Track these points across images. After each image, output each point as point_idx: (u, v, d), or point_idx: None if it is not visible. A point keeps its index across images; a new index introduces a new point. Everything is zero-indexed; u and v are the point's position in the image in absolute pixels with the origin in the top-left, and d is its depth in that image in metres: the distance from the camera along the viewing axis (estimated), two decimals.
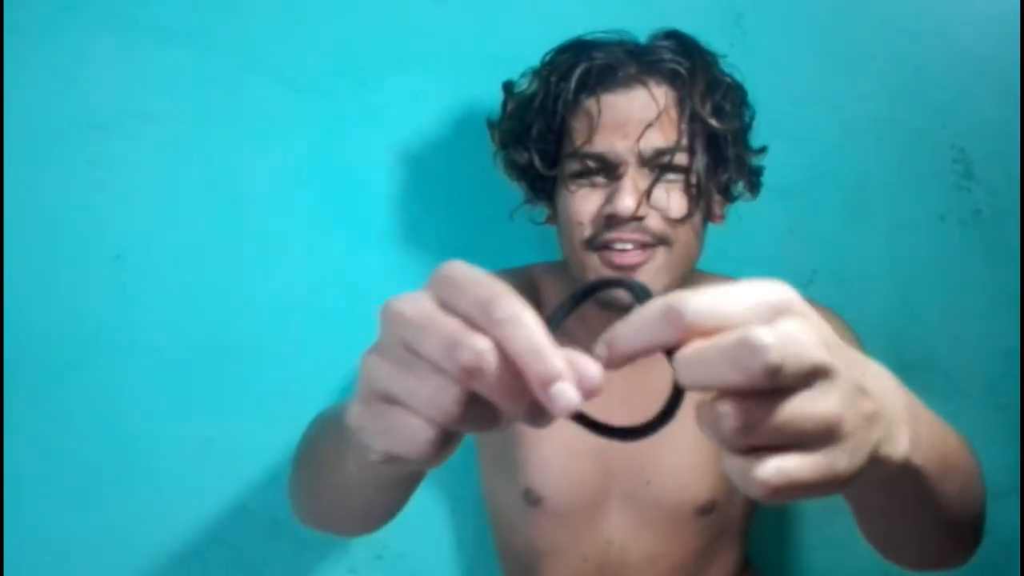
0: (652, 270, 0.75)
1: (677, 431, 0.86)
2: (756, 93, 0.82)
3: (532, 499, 0.86)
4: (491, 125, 0.85)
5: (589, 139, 0.75)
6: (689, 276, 0.80)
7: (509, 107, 0.82)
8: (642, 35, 0.81)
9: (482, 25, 0.98)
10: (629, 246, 0.74)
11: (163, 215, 0.97)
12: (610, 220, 0.74)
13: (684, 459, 0.83)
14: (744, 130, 0.80)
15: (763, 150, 0.83)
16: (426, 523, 1.05)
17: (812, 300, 1.05)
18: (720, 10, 0.99)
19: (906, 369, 1.13)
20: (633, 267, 0.74)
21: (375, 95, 0.98)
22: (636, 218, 0.74)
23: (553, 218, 0.84)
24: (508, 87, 0.84)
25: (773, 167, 0.83)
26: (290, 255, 0.99)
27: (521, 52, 0.82)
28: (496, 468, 0.92)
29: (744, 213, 0.85)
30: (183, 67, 0.96)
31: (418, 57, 0.98)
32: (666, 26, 0.80)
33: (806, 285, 1.01)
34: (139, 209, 0.97)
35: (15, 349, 0.96)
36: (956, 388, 1.03)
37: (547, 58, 0.81)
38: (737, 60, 0.79)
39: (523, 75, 0.82)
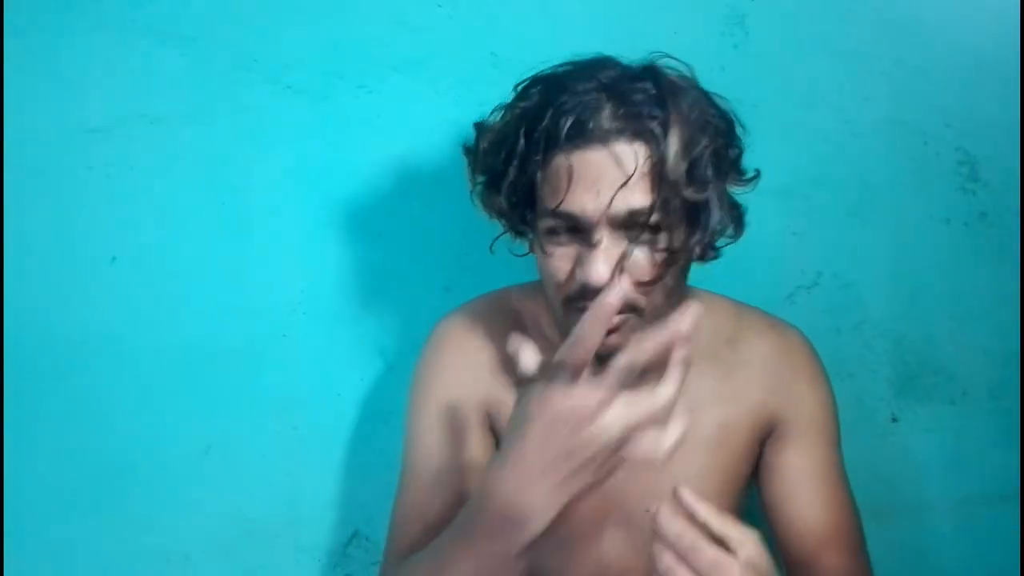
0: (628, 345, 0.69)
1: (676, 457, 0.84)
2: (759, 94, 0.81)
3: None
4: (468, 153, 0.80)
5: (560, 199, 0.70)
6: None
7: (482, 145, 0.78)
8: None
9: (482, 26, 0.97)
10: None
11: (160, 218, 0.97)
12: (583, 287, 0.70)
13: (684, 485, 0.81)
14: (729, 172, 0.74)
15: (756, 177, 0.77)
16: None
17: (781, 322, 1.01)
18: (723, 11, 0.97)
19: (910, 372, 1.12)
20: (613, 348, 0.68)
21: (375, 97, 0.97)
22: None
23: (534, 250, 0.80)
24: (480, 128, 0.79)
25: (776, 169, 0.82)
26: (289, 258, 0.98)
27: (521, 53, 0.81)
28: None
29: (747, 216, 0.83)
30: (181, 70, 0.95)
31: (418, 59, 0.97)
32: (669, 27, 0.78)
33: (810, 288, 1.01)
34: (136, 212, 0.96)
35: (14, 351, 0.95)
36: (960, 391, 1.02)
37: (515, 93, 0.76)
38: (740, 61, 0.78)
39: (494, 111, 0.78)
